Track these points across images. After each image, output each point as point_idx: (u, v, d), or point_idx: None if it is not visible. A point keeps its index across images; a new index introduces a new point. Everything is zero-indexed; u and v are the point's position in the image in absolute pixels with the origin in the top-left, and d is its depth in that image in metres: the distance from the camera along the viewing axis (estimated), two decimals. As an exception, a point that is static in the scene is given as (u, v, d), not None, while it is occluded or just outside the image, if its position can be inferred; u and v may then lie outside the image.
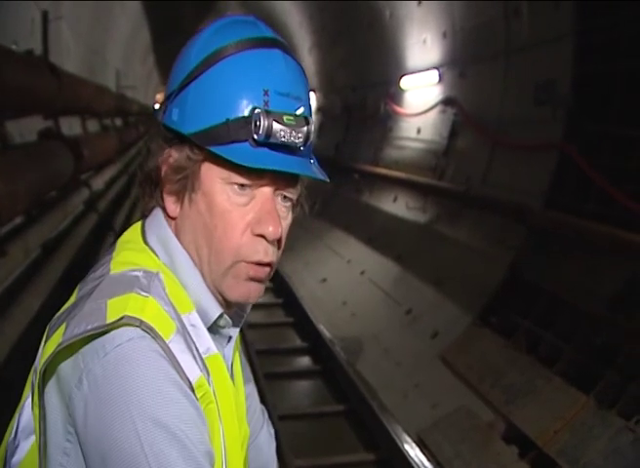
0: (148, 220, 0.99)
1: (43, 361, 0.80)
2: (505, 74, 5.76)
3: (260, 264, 0.93)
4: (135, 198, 8.89)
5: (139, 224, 1.01)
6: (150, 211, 1.00)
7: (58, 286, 4.08)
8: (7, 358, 3.01)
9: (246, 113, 0.86)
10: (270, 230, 0.90)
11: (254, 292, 0.95)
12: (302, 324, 6.57)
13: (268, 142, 0.86)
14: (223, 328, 0.99)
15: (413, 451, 4.03)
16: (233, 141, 0.86)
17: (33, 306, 3.60)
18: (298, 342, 6.34)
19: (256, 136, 0.85)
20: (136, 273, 0.88)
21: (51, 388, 0.80)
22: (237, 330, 1.05)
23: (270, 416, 1.42)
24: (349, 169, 9.27)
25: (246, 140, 0.86)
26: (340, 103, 10.67)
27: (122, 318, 0.79)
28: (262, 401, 4.72)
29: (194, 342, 0.87)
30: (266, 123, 0.84)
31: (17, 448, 0.84)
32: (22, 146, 4.31)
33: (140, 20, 13.30)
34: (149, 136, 1.01)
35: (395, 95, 8.36)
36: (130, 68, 14.33)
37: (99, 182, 7.23)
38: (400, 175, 7.66)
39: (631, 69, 4.18)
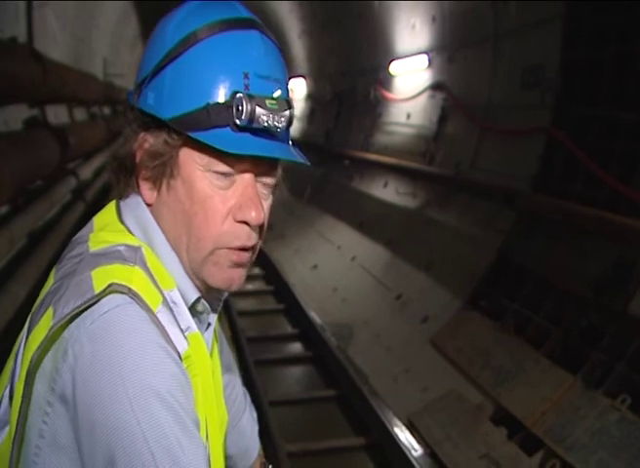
0: (124, 202, 0.97)
1: (35, 348, 0.78)
2: (494, 59, 5.75)
3: (242, 249, 0.92)
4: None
5: (112, 206, 0.99)
6: (122, 194, 0.98)
7: (44, 275, 4.06)
8: (-7, 346, 3.00)
9: (227, 97, 0.84)
10: (253, 216, 0.89)
11: (237, 278, 0.94)
12: (293, 310, 6.58)
13: (250, 127, 0.84)
14: (202, 313, 0.98)
15: (403, 435, 4.06)
16: (214, 127, 0.84)
17: (20, 295, 3.59)
18: (288, 329, 6.36)
19: (238, 121, 0.83)
20: (117, 248, 0.87)
21: (39, 374, 0.78)
22: (215, 316, 1.04)
23: (259, 402, 1.42)
24: (340, 155, 9.24)
25: (227, 125, 0.85)
26: (331, 90, 10.62)
27: (110, 285, 0.79)
28: (253, 387, 4.72)
29: (176, 319, 0.86)
30: (249, 107, 0.82)
31: None
32: (7, 135, 4.27)
33: (128, 8, 13.16)
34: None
35: (385, 80, 8.33)
36: (117, 56, 14.19)
37: (86, 171, 7.18)
38: (390, 160, 7.65)
39: (619, 53, 4.17)
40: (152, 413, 0.73)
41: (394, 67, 7.85)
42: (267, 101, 0.85)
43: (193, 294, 0.94)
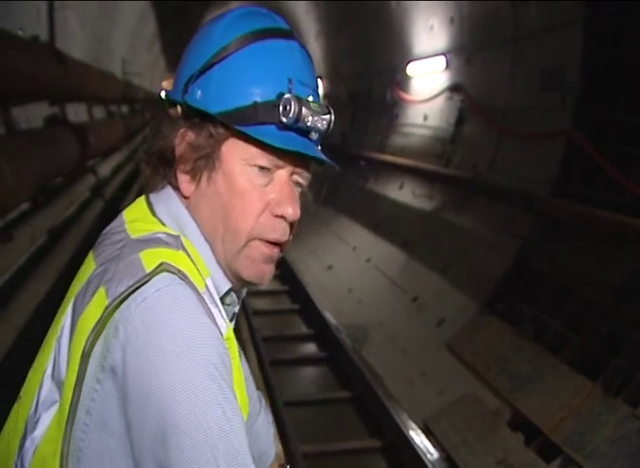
0: (154, 196, 0.99)
1: (89, 330, 0.79)
2: (513, 61, 5.71)
3: (275, 244, 0.95)
4: (144, 177, 8.89)
5: (142, 200, 1.00)
6: (155, 188, 1.00)
7: (64, 271, 4.09)
8: (14, 342, 3.02)
9: (274, 97, 0.89)
10: (290, 212, 0.93)
11: (267, 273, 0.97)
12: (308, 311, 6.58)
13: (294, 127, 0.90)
14: (229, 305, 1.01)
15: (418, 438, 4.05)
16: (260, 123, 0.89)
17: (40, 291, 3.61)
18: (303, 329, 6.36)
19: (285, 120, 0.89)
20: (158, 235, 0.89)
21: (93, 355, 0.79)
22: (238, 307, 1.06)
23: (274, 403, 1.42)
24: (355, 156, 9.23)
25: (272, 123, 0.89)
26: (347, 90, 10.60)
27: (161, 264, 0.81)
28: (268, 387, 4.74)
29: (216, 302, 0.89)
30: (296, 107, 0.88)
31: (37, 421, 0.84)
32: (28, 132, 4.30)
33: (146, 9, 13.23)
34: (157, 119, 1.01)
35: (402, 81, 8.30)
36: (135, 56, 14.27)
37: (105, 169, 7.22)
38: (406, 162, 7.63)
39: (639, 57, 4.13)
40: (201, 386, 0.75)
41: (411, 69, 7.82)
42: (312, 104, 0.91)
43: (225, 285, 0.97)
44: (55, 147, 4.42)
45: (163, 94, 1.03)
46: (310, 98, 0.92)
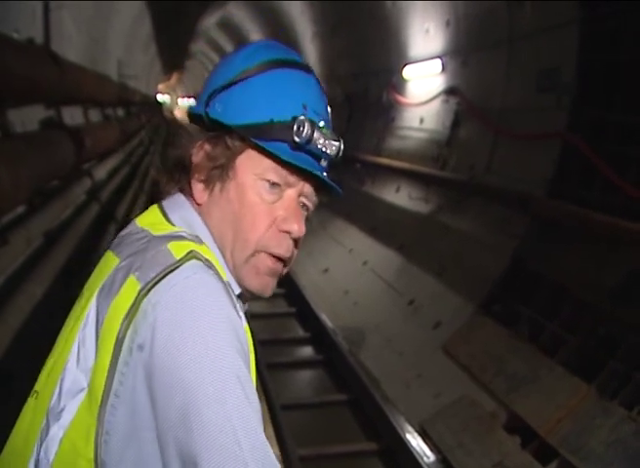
0: (167, 203, 1.03)
1: (122, 317, 0.82)
2: (509, 62, 5.73)
3: (279, 259, 1.00)
4: (136, 188, 8.87)
5: (155, 208, 1.04)
6: (166, 195, 1.05)
7: (60, 274, 4.08)
8: (10, 345, 3.01)
9: (289, 118, 0.95)
10: (296, 228, 0.98)
11: (270, 286, 1.03)
12: (305, 314, 6.58)
13: (305, 148, 0.96)
14: None
15: (415, 441, 4.05)
16: (274, 140, 0.95)
17: (36, 294, 3.60)
18: (300, 332, 6.36)
19: (297, 139, 0.95)
20: (180, 233, 0.93)
21: (126, 341, 0.81)
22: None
23: (271, 406, 1.45)
24: (351, 159, 9.24)
25: (286, 141, 0.95)
26: (342, 92, 10.61)
27: (190, 252, 0.86)
28: (265, 390, 4.73)
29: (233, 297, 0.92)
30: (309, 129, 0.94)
31: (62, 411, 0.85)
32: (24, 135, 4.29)
33: (142, 10, 13.22)
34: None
35: (398, 84, 8.32)
36: (131, 58, 14.26)
37: (101, 172, 7.21)
38: (403, 164, 7.64)
39: (636, 57, 4.14)
40: (227, 370, 0.78)
41: (407, 72, 7.84)
42: (323, 129, 0.97)
43: (236, 289, 1.00)
44: (51, 150, 4.41)
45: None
46: (322, 124, 0.98)
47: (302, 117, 0.95)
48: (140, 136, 13.26)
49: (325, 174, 1.03)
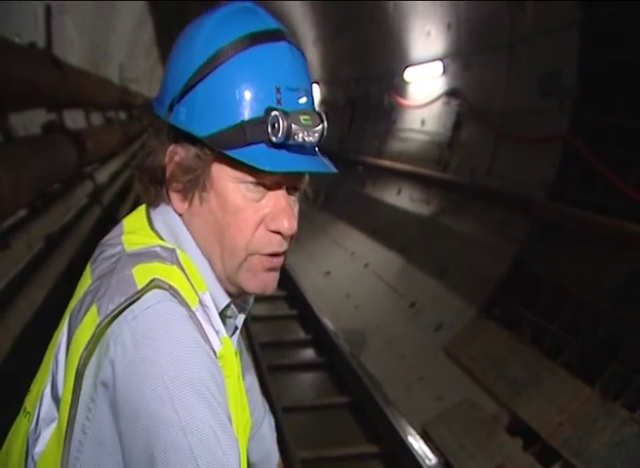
0: (153, 210, 0.98)
1: (82, 348, 0.79)
2: (510, 65, 5.73)
3: (274, 255, 0.94)
4: (137, 193, 8.87)
5: (142, 211, 1.00)
6: (156, 204, 0.98)
7: (62, 278, 4.09)
8: (11, 350, 3.02)
9: (261, 114, 0.85)
10: (286, 226, 0.91)
11: (270, 283, 0.96)
12: (306, 316, 6.57)
13: (285, 143, 0.85)
14: (230, 318, 1.00)
15: (417, 444, 4.04)
16: (249, 144, 0.85)
17: (37, 298, 3.61)
18: (301, 335, 6.35)
19: (274, 139, 0.84)
20: (154, 249, 0.88)
21: (87, 373, 0.79)
22: (242, 320, 1.06)
23: (272, 408, 1.45)
24: (353, 161, 9.24)
25: (262, 142, 0.85)
26: (344, 96, 10.63)
27: (152, 280, 0.81)
28: (266, 393, 4.73)
29: (210, 319, 0.87)
30: (285, 124, 0.83)
31: (38, 438, 0.84)
32: (26, 139, 4.31)
33: (143, 14, 13.26)
34: (148, 134, 0.98)
35: (399, 86, 8.32)
36: (133, 62, 14.29)
37: (102, 175, 7.23)
38: (404, 167, 7.64)
39: (638, 58, 4.14)
40: (191, 407, 0.74)
41: (409, 74, 7.85)
42: (302, 117, 0.85)
43: (224, 300, 0.96)
44: (52, 153, 4.43)
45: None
46: (303, 100, 0.88)
47: (276, 113, 0.83)
48: (141, 139, 13.27)
49: (314, 155, 0.93)
